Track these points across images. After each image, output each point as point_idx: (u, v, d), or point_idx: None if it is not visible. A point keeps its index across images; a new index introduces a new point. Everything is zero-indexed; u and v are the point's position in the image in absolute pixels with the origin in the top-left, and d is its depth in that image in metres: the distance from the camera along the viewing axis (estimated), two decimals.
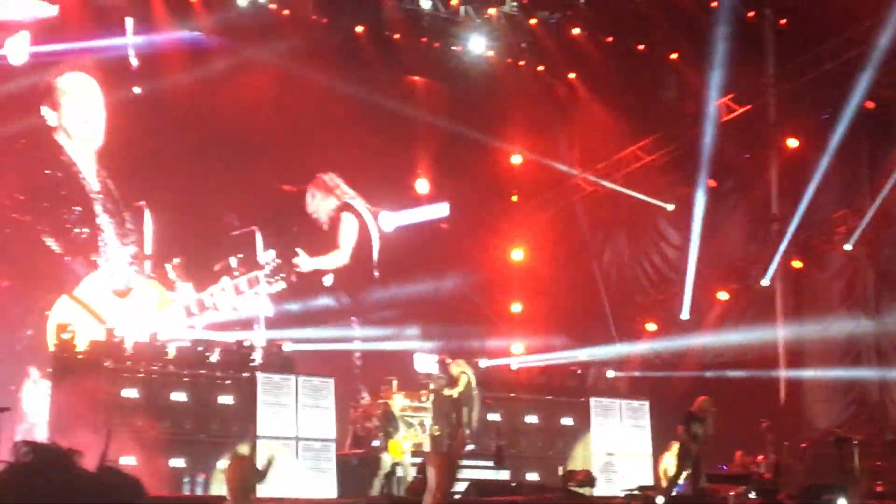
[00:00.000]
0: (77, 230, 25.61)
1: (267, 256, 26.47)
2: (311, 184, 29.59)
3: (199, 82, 26.71)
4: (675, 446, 23.91)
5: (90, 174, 26.13)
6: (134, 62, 26.64)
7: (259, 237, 27.22)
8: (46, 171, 25.47)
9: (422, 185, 31.28)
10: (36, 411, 22.97)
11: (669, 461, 23.35)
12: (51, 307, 24.49)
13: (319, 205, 29.81)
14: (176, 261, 26.20)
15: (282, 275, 26.79)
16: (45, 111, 25.65)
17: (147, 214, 26.34)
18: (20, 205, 25.12)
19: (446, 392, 19.86)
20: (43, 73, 25.64)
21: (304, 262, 28.88)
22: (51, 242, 25.22)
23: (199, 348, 22.38)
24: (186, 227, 26.72)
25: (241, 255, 26.61)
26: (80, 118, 26.11)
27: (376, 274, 30.15)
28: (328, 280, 29.38)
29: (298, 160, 28.80)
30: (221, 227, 27.51)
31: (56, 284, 25.07)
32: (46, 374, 22.29)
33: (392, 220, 30.37)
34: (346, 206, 30.03)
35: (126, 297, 25.54)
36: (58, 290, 24.93)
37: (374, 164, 29.10)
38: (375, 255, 30.16)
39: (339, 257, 30.05)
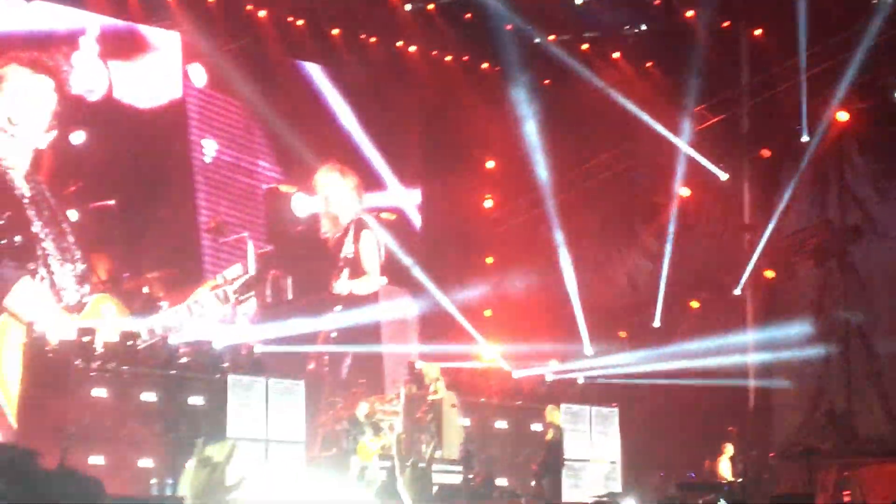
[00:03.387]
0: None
1: (234, 271, 25.51)
2: (313, 179, 29.55)
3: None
4: (730, 447, 24.21)
5: (19, 175, 24.55)
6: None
7: (250, 245, 26.98)
8: None
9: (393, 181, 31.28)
10: None
11: (725, 463, 23.76)
12: None
13: (332, 204, 29.75)
14: (153, 274, 25.92)
15: (251, 293, 25.94)
16: None
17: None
18: None
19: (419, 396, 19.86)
20: None
21: (343, 285, 28.87)
22: None
23: (170, 347, 22.33)
24: (164, 234, 26.17)
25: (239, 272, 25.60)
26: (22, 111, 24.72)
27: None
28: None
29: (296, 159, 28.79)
30: (208, 233, 27.23)
31: None
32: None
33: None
34: (362, 223, 30.00)
35: (79, 313, 24.10)
36: None
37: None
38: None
39: (371, 282, 30.09)
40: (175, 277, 26.06)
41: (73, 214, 25.00)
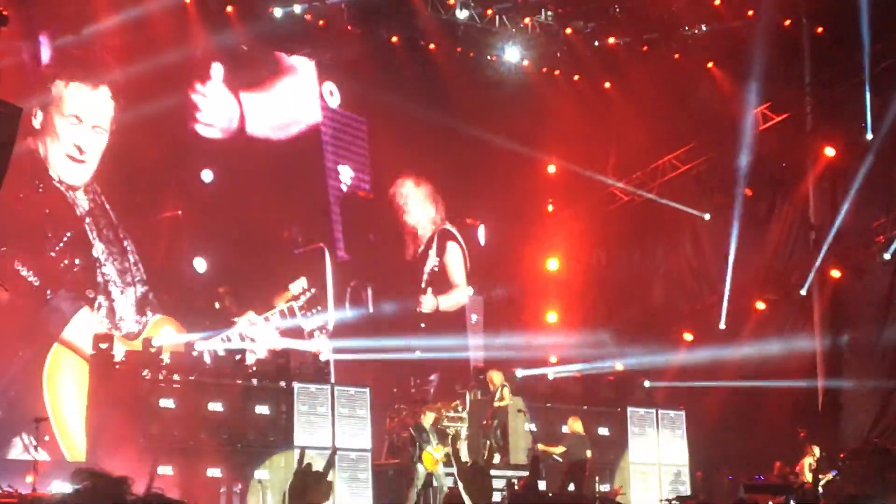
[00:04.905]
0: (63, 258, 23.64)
1: (298, 285, 25.54)
2: (397, 186, 29.65)
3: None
4: (817, 450, 24.09)
5: (80, 191, 24.22)
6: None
7: (327, 255, 26.99)
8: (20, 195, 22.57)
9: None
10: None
11: (809, 462, 23.66)
12: (38, 355, 22.83)
13: (411, 216, 29.85)
14: (222, 289, 25.98)
15: (319, 307, 26.05)
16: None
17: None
18: None
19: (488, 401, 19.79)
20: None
21: (429, 301, 29.02)
22: (27, 273, 22.99)
23: (237, 357, 22.46)
24: (235, 247, 26.16)
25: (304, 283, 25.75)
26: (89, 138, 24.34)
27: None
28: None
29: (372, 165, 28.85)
30: (281, 244, 27.35)
31: (36, 325, 22.93)
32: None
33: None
34: (448, 235, 30.09)
35: (136, 339, 23.68)
36: (42, 333, 22.90)
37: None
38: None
39: (459, 295, 30.20)
40: (245, 291, 26.16)
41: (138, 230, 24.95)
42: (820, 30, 28.79)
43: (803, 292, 28.78)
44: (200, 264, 25.63)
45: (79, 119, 24.06)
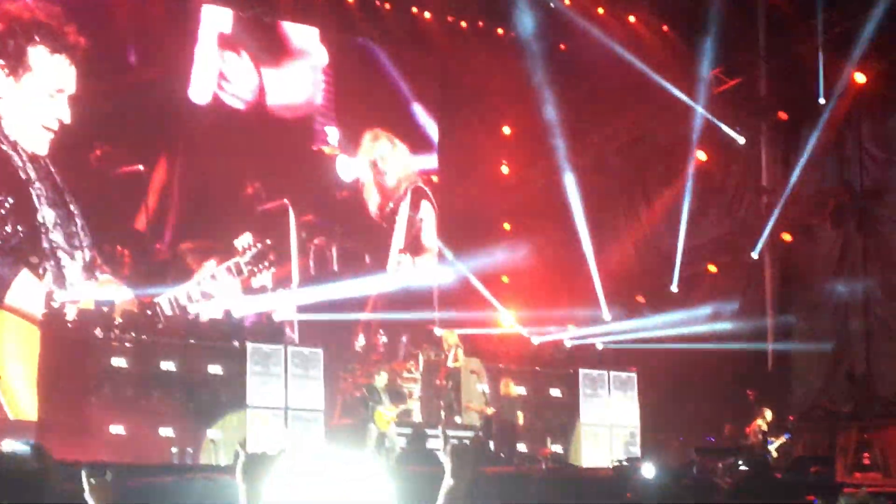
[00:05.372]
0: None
1: (244, 241, 24.65)
2: (362, 142, 29.48)
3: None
4: (768, 413, 24.28)
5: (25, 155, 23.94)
6: None
7: (292, 211, 26.79)
8: None
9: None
10: None
11: (759, 425, 23.84)
12: None
13: (379, 173, 29.64)
14: (186, 245, 25.77)
15: (266, 262, 25.41)
16: None
17: None
18: None
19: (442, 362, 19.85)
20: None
21: (399, 259, 28.87)
22: None
23: (189, 317, 22.39)
24: (196, 202, 26.07)
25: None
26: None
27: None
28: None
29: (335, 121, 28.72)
30: (244, 200, 27.16)
31: None
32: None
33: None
34: (421, 192, 29.90)
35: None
36: None
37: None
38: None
39: (430, 259, 30.03)
40: (210, 248, 26.02)
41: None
42: None
43: (755, 256, 28.92)
44: (159, 221, 25.53)
45: (60, 91, 23.97)
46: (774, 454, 23.97)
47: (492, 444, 22.70)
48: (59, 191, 24.20)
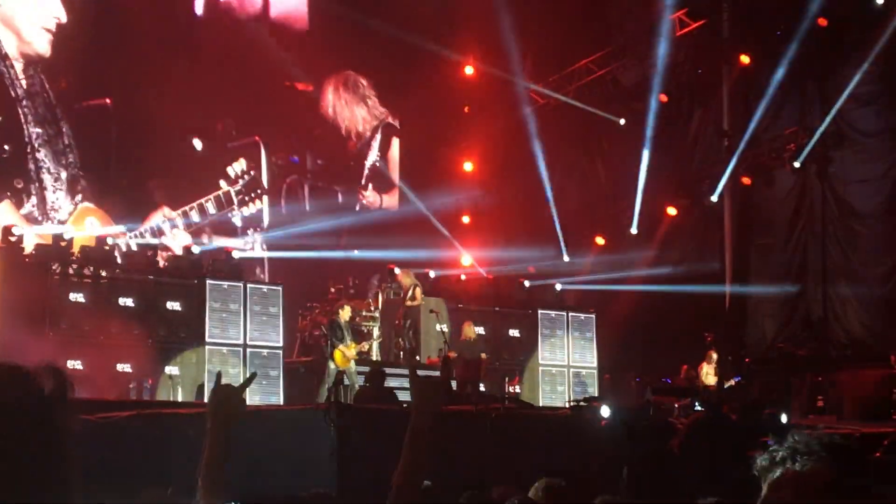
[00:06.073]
0: None
1: (237, 167, 24.90)
2: (330, 81, 29.24)
3: None
4: (715, 356, 24.44)
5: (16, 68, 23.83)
6: None
7: (263, 149, 26.56)
8: None
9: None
10: None
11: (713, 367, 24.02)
12: None
13: (346, 111, 29.44)
14: (152, 182, 25.57)
15: (258, 190, 25.63)
16: None
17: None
18: None
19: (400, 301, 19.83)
20: None
21: (371, 198, 28.71)
22: None
23: (149, 253, 22.32)
24: (164, 138, 25.62)
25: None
26: None
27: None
28: None
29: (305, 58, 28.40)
30: (214, 136, 26.92)
31: None
32: None
33: None
34: (393, 129, 29.73)
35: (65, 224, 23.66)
36: None
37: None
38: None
39: (396, 195, 29.93)
40: (178, 185, 25.87)
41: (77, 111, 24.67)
42: None
43: (714, 199, 29.02)
44: (129, 155, 25.37)
45: None
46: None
47: (454, 384, 22.77)
48: (50, 107, 24.11)
